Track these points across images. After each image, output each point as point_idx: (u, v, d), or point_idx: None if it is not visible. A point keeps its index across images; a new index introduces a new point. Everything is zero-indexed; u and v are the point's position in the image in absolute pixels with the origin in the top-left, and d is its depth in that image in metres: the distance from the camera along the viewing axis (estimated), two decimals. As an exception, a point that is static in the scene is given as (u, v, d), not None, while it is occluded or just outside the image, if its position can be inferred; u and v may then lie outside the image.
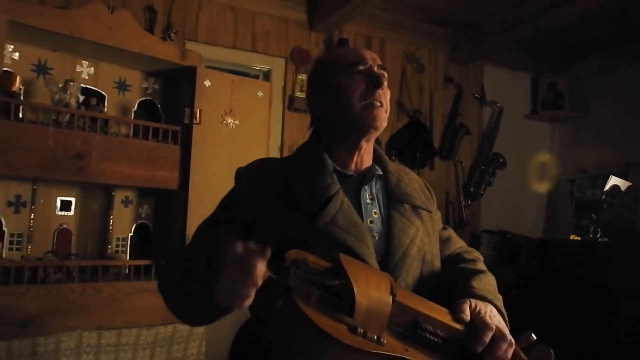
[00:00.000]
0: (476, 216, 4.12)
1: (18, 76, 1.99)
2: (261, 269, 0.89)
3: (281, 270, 0.97)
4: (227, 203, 1.30)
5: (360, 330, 0.92)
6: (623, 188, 2.56)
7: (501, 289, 1.26)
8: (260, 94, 2.57)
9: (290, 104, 3.49)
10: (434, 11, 3.71)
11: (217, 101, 2.42)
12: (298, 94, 3.49)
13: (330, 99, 1.26)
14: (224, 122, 2.43)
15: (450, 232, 1.44)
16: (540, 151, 4.48)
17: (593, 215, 2.56)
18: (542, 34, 3.60)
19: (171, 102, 2.52)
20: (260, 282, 0.91)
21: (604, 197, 2.55)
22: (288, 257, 1.01)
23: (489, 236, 3.87)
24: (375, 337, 0.93)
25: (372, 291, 0.96)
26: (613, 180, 2.60)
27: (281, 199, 1.19)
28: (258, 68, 3.47)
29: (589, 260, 2.40)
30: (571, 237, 2.65)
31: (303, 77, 3.50)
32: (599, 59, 4.25)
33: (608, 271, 2.26)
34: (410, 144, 3.79)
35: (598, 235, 2.50)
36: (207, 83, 2.38)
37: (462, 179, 4.10)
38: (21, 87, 2.08)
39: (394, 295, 0.99)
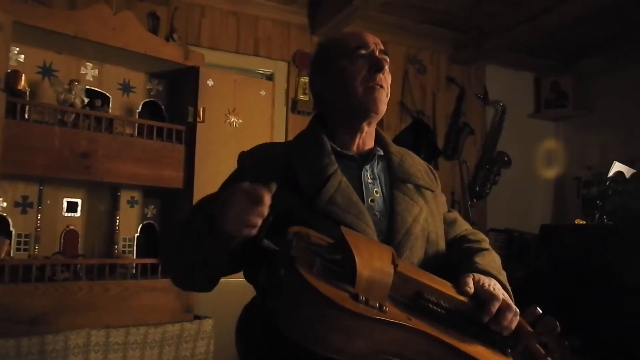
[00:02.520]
0: (482, 215, 4.11)
1: (23, 74, 2.03)
2: (268, 199, 0.96)
3: (284, 241, 0.98)
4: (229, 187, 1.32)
5: (362, 298, 0.92)
6: (627, 175, 2.55)
7: (511, 286, 1.24)
8: (262, 92, 2.60)
9: (294, 106, 3.52)
10: (435, 13, 3.74)
11: (221, 100, 2.44)
12: (301, 97, 3.52)
13: (333, 82, 1.28)
14: (228, 120, 2.45)
15: (455, 214, 1.45)
16: (545, 150, 4.48)
17: (598, 202, 2.55)
18: (543, 34, 3.62)
19: (175, 103, 2.55)
20: (266, 212, 0.97)
21: (608, 183, 2.54)
22: (291, 230, 1.02)
23: (496, 235, 3.87)
24: (378, 304, 0.93)
25: (374, 261, 0.97)
26: (617, 167, 2.60)
27: (284, 181, 1.20)
28: (261, 72, 3.50)
29: (594, 244, 2.39)
30: (576, 222, 2.65)
31: (306, 79, 3.52)
32: (601, 58, 4.26)
33: (614, 256, 2.25)
34: (415, 144, 3.80)
35: (604, 221, 2.50)
36: (210, 82, 2.41)
37: (467, 178, 4.10)
38: (27, 88, 2.11)
39: (395, 266, 0.99)
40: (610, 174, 2.58)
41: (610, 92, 4.21)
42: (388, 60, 1.26)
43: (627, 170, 2.58)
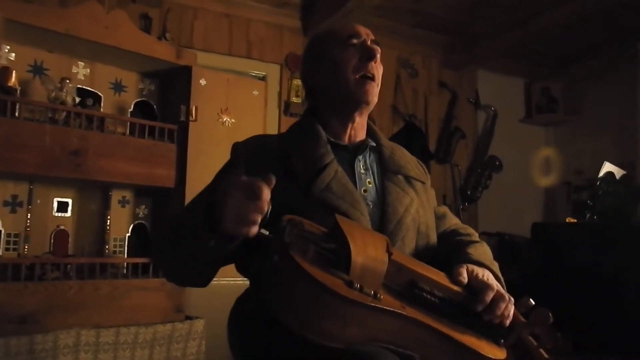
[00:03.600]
0: (474, 219, 4.13)
1: (14, 71, 2.01)
2: (267, 194, 0.91)
3: (278, 229, 0.98)
4: (223, 177, 1.32)
5: (357, 285, 0.92)
6: (618, 176, 2.57)
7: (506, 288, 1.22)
8: (255, 92, 2.60)
9: (286, 109, 3.52)
10: (427, 17, 3.77)
11: (213, 100, 2.44)
12: (294, 99, 3.52)
13: (325, 71, 1.28)
14: (220, 120, 2.45)
15: (445, 208, 1.45)
16: (536, 154, 4.51)
17: (588, 202, 2.57)
18: (533, 39, 3.66)
19: (167, 103, 2.54)
20: (265, 208, 0.92)
21: (598, 183, 2.56)
22: (284, 218, 1.02)
23: (487, 238, 3.87)
24: (372, 292, 0.93)
25: (368, 249, 0.96)
26: (607, 167, 2.62)
27: (278, 170, 1.20)
28: (254, 74, 3.51)
29: (585, 242, 2.41)
30: (567, 220, 2.66)
31: (298, 82, 3.53)
32: (590, 63, 4.31)
33: (605, 253, 2.27)
34: (407, 147, 3.78)
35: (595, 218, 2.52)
36: (203, 82, 2.41)
37: (458, 182, 4.11)
38: (18, 86, 2.09)
39: (389, 254, 0.99)
40: (601, 174, 2.60)
41: (600, 97, 4.26)
42: (379, 50, 1.27)
43: (618, 171, 2.60)
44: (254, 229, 0.93)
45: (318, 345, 0.90)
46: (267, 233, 1.00)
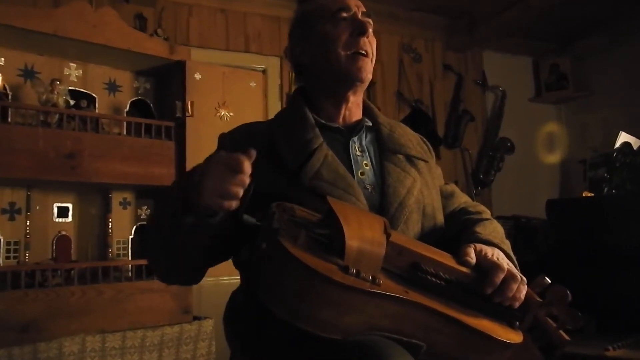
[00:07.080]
0: (488, 203, 4.02)
1: (0, 75, 1.96)
2: (247, 167, 0.88)
3: (266, 216, 0.92)
4: None
5: (353, 270, 0.85)
6: (635, 146, 2.46)
7: (522, 271, 1.15)
8: (252, 84, 2.53)
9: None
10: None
11: (209, 94, 2.38)
12: (295, 92, 3.45)
13: (314, 49, 1.21)
14: (218, 114, 2.39)
15: (453, 186, 1.38)
16: (548, 133, 4.40)
17: (605, 174, 2.46)
18: (536, 15, 3.55)
19: (163, 101, 2.47)
20: (247, 180, 0.89)
21: (615, 155, 2.45)
22: (274, 204, 0.96)
23: (503, 222, 3.76)
24: (370, 277, 0.86)
25: (364, 231, 0.89)
26: (623, 137, 2.50)
27: (266, 158, 1.14)
28: (253, 68, 3.44)
29: (602, 216, 2.31)
30: (584, 194, 2.56)
31: (299, 74, 3.46)
32: (598, 37, 4.19)
33: (621, 227, 2.17)
34: (414, 134, 3.72)
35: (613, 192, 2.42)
36: (198, 76, 2.34)
37: (470, 166, 4.01)
38: (9, 91, 2.04)
39: (388, 235, 0.91)
40: (617, 144, 2.49)
41: (610, 71, 4.13)
42: (372, 23, 1.20)
43: (635, 141, 2.49)
44: (234, 203, 0.90)
45: (314, 336, 0.83)
46: (254, 219, 0.93)
